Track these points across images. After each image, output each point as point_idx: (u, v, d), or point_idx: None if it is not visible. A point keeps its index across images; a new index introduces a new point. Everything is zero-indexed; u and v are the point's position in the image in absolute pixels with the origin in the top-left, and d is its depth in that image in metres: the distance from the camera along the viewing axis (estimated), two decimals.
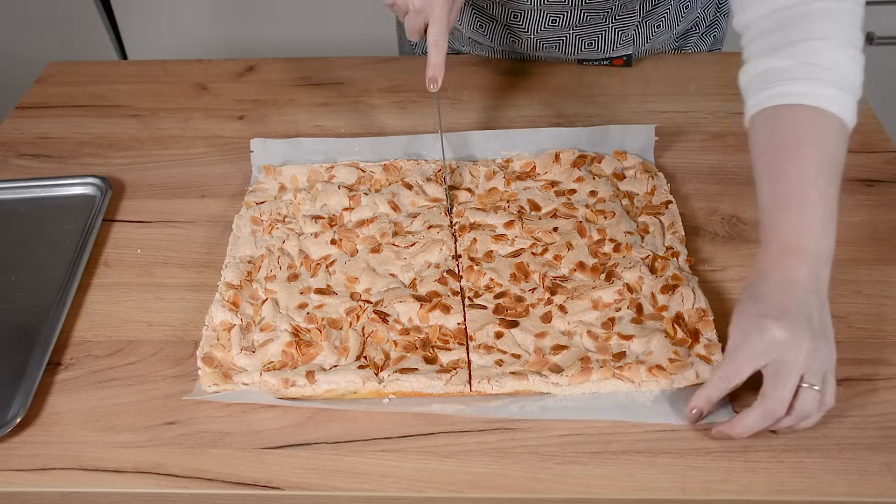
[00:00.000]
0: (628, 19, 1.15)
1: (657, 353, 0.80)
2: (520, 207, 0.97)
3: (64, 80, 1.26)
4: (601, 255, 0.91)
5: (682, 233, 0.93)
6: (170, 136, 1.14)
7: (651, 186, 0.99)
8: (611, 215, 0.95)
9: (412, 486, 0.73)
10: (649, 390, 0.79)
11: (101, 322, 0.89)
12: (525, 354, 0.82)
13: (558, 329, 0.84)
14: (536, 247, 0.92)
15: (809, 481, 0.72)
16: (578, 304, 0.85)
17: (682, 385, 0.79)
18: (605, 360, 0.80)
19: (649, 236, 0.93)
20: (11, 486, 0.75)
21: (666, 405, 0.78)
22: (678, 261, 0.90)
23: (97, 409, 0.81)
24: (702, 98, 1.16)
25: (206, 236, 0.99)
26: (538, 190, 0.99)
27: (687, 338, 0.82)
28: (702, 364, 0.79)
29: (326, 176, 1.03)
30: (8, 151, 1.13)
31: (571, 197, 0.98)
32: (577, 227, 0.93)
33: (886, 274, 0.89)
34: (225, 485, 0.74)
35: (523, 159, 1.04)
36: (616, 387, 0.79)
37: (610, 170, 1.01)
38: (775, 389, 0.70)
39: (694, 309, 0.84)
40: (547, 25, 1.15)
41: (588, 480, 0.73)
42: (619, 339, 0.82)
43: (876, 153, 1.06)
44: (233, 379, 0.80)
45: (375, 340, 0.83)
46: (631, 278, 0.87)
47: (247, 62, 1.27)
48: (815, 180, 0.75)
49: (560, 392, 0.79)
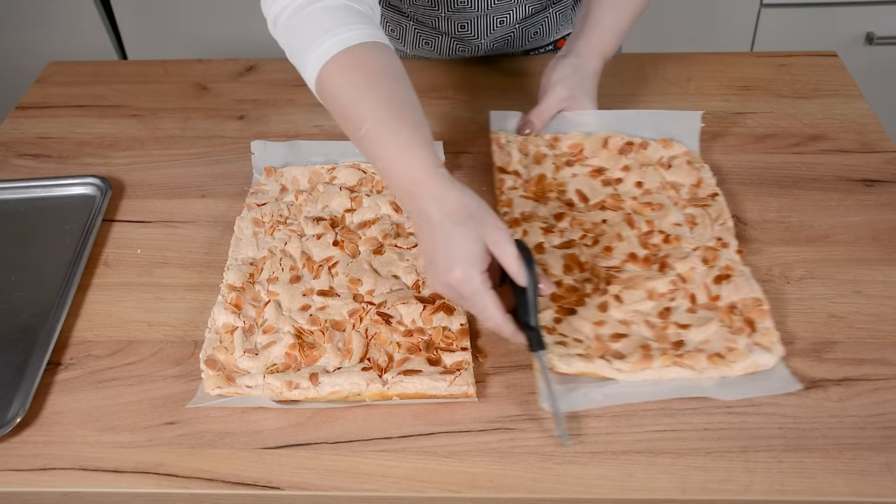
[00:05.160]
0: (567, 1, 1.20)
1: (714, 342, 0.81)
2: (568, 199, 0.97)
3: (64, 80, 1.26)
4: (651, 246, 0.91)
5: (730, 224, 0.93)
6: (170, 136, 1.14)
7: (697, 178, 0.99)
8: (658, 207, 0.95)
9: (412, 486, 0.74)
10: (710, 377, 0.79)
11: (101, 322, 0.89)
12: (586, 340, 0.82)
13: (615, 318, 0.84)
14: (586, 238, 0.92)
15: (809, 481, 0.72)
16: (633, 294, 0.86)
17: (741, 372, 0.79)
18: (665, 349, 0.80)
19: (698, 227, 0.93)
20: (11, 486, 0.75)
21: (730, 388, 0.79)
22: (728, 251, 0.90)
23: (97, 409, 0.81)
24: (701, 98, 1.16)
25: (206, 236, 0.99)
26: (585, 178, 1.00)
27: (744, 326, 0.82)
28: (760, 352, 0.80)
29: (328, 177, 1.03)
30: (8, 151, 1.13)
31: (618, 187, 0.99)
32: (626, 219, 0.94)
33: (886, 274, 0.89)
34: (225, 485, 0.74)
35: (572, 139, 1.04)
36: (677, 374, 0.79)
37: (656, 158, 1.02)
38: (591, 108, 1.05)
39: (749, 298, 0.84)
40: (495, 28, 1.16)
41: (588, 480, 0.73)
42: (677, 329, 0.83)
43: (876, 153, 1.06)
44: (236, 382, 0.80)
45: (379, 342, 0.83)
46: (683, 269, 0.88)
47: (247, 62, 1.27)
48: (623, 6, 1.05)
49: (623, 378, 0.79)
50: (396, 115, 0.81)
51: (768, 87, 1.18)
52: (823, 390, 0.79)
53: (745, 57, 1.24)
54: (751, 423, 0.77)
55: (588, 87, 1.05)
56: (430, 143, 0.81)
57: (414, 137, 0.80)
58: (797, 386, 0.78)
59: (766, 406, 0.78)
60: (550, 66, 1.06)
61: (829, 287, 0.89)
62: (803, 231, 0.95)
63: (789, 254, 0.92)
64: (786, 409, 0.78)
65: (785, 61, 1.22)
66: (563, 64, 1.05)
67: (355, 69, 0.82)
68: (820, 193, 1.00)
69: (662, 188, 0.98)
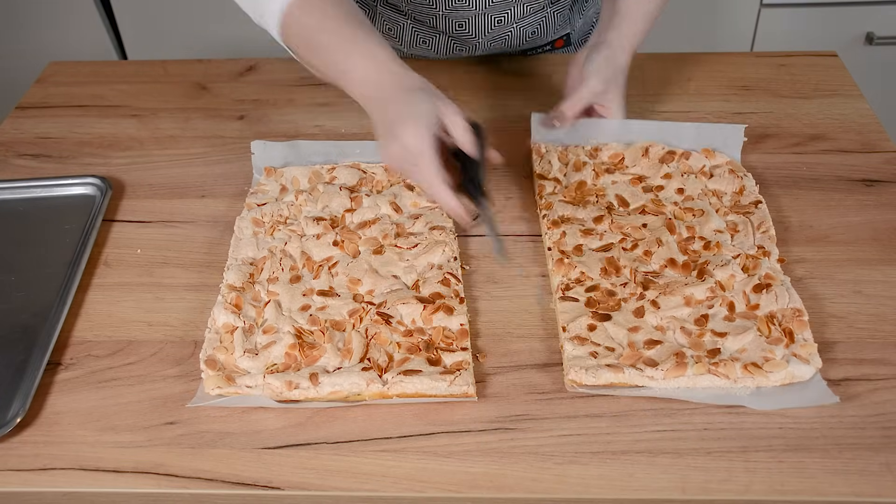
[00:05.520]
0: (565, 1, 1.20)
1: (751, 351, 0.80)
2: (608, 203, 0.97)
3: (64, 80, 1.26)
4: (691, 252, 0.91)
5: (772, 232, 0.92)
6: (170, 136, 1.14)
7: (739, 186, 0.98)
8: (699, 213, 0.95)
9: (412, 486, 0.74)
10: (744, 386, 0.79)
11: (101, 322, 0.89)
12: (619, 348, 0.82)
13: (651, 324, 0.84)
14: (626, 242, 0.92)
15: (809, 481, 0.72)
16: (671, 300, 0.85)
17: (777, 383, 0.79)
18: (700, 356, 0.80)
19: (739, 235, 0.92)
20: (11, 486, 0.75)
21: (765, 399, 0.78)
22: (769, 260, 0.89)
23: (97, 409, 0.81)
24: (701, 98, 1.16)
25: (206, 236, 0.99)
26: (626, 184, 1.00)
27: (782, 336, 0.81)
28: (797, 363, 0.79)
29: (328, 177, 1.03)
30: (8, 151, 1.13)
31: (659, 193, 0.99)
32: (667, 224, 0.93)
33: (886, 274, 0.89)
34: (225, 485, 0.74)
35: (612, 149, 1.04)
36: (711, 382, 0.79)
37: (698, 167, 1.01)
38: (621, 103, 1.03)
39: (788, 308, 0.84)
40: (493, 27, 1.16)
41: (588, 480, 0.73)
42: (713, 336, 0.82)
43: (876, 153, 1.06)
44: (236, 382, 0.80)
45: (379, 342, 0.83)
46: (723, 276, 0.87)
47: (247, 62, 1.27)
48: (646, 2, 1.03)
49: (655, 385, 0.79)
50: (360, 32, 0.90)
51: (768, 87, 1.18)
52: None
53: (745, 57, 1.24)
54: (751, 423, 0.77)
55: (620, 82, 1.03)
56: (394, 55, 0.90)
57: (378, 47, 0.89)
58: (833, 399, 0.77)
59: None
60: (580, 56, 1.03)
61: (829, 287, 0.89)
62: (803, 231, 0.95)
63: (789, 254, 0.92)
64: (785, 409, 0.78)
65: (785, 61, 1.22)
66: (596, 55, 1.01)
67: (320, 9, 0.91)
68: (820, 193, 1.00)
69: (704, 195, 0.98)
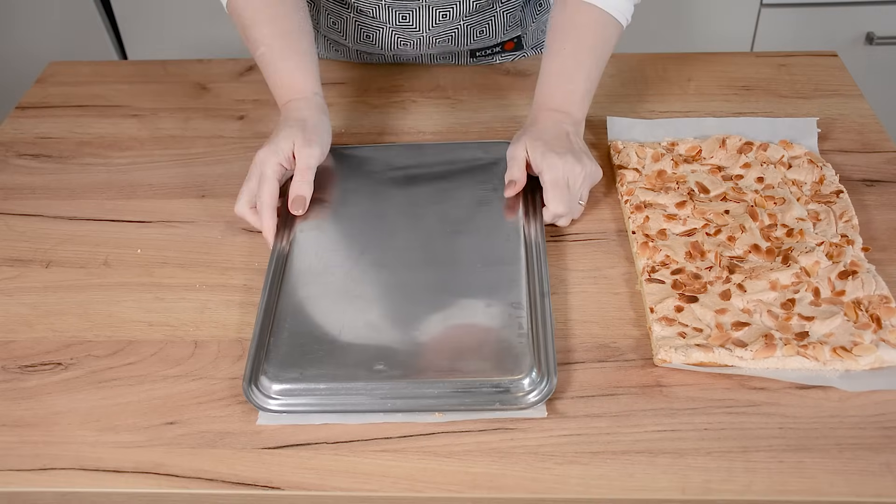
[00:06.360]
0: (515, 1, 1.18)
1: (838, 335, 0.81)
2: (689, 189, 0.98)
3: (64, 80, 1.26)
4: (774, 238, 0.91)
5: (855, 222, 0.93)
6: (170, 136, 1.15)
7: (819, 176, 0.99)
8: (781, 201, 0.95)
9: (412, 486, 0.74)
10: (833, 369, 0.79)
11: (101, 322, 0.89)
12: (706, 329, 0.82)
13: (737, 307, 0.84)
14: (709, 227, 0.93)
15: (809, 481, 0.72)
16: (757, 284, 0.86)
17: (866, 367, 0.79)
18: (788, 339, 0.80)
19: (821, 223, 0.93)
20: (11, 486, 0.75)
21: (854, 381, 0.79)
22: (853, 248, 0.90)
23: (97, 409, 0.81)
24: (701, 98, 1.16)
25: (206, 236, 0.99)
26: (705, 173, 1.00)
27: (870, 322, 0.82)
28: (886, 347, 0.80)
29: None
30: (8, 151, 1.13)
31: (739, 182, 0.99)
32: (749, 211, 0.94)
33: (886, 274, 0.89)
34: (225, 485, 0.74)
35: (688, 143, 1.05)
36: (800, 364, 0.79)
37: (776, 157, 1.02)
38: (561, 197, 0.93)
39: (875, 295, 0.84)
40: (438, 21, 1.15)
41: (588, 480, 0.73)
42: (800, 320, 0.83)
43: (876, 153, 1.06)
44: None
45: None
46: (807, 262, 0.87)
47: (247, 62, 1.27)
48: (583, 61, 0.99)
49: (744, 365, 0.80)
50: (287, 42, 1.00)
51: (768, 87, 1.18)
52: (823, 390, 0.79)
53: (745, 57, 1.24)
54: (751, 423, 0.77)
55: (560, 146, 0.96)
56: (314, 70, 1.01)
57: (298, 66, 1.00)
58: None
59: (766, 406, 0.78)
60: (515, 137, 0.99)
61: None
62: None
63: None
64: (786, 409, 0.78)
65: (785, 61, 1.22)
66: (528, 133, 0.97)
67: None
68: None
69: (784, 184, 0.98)
